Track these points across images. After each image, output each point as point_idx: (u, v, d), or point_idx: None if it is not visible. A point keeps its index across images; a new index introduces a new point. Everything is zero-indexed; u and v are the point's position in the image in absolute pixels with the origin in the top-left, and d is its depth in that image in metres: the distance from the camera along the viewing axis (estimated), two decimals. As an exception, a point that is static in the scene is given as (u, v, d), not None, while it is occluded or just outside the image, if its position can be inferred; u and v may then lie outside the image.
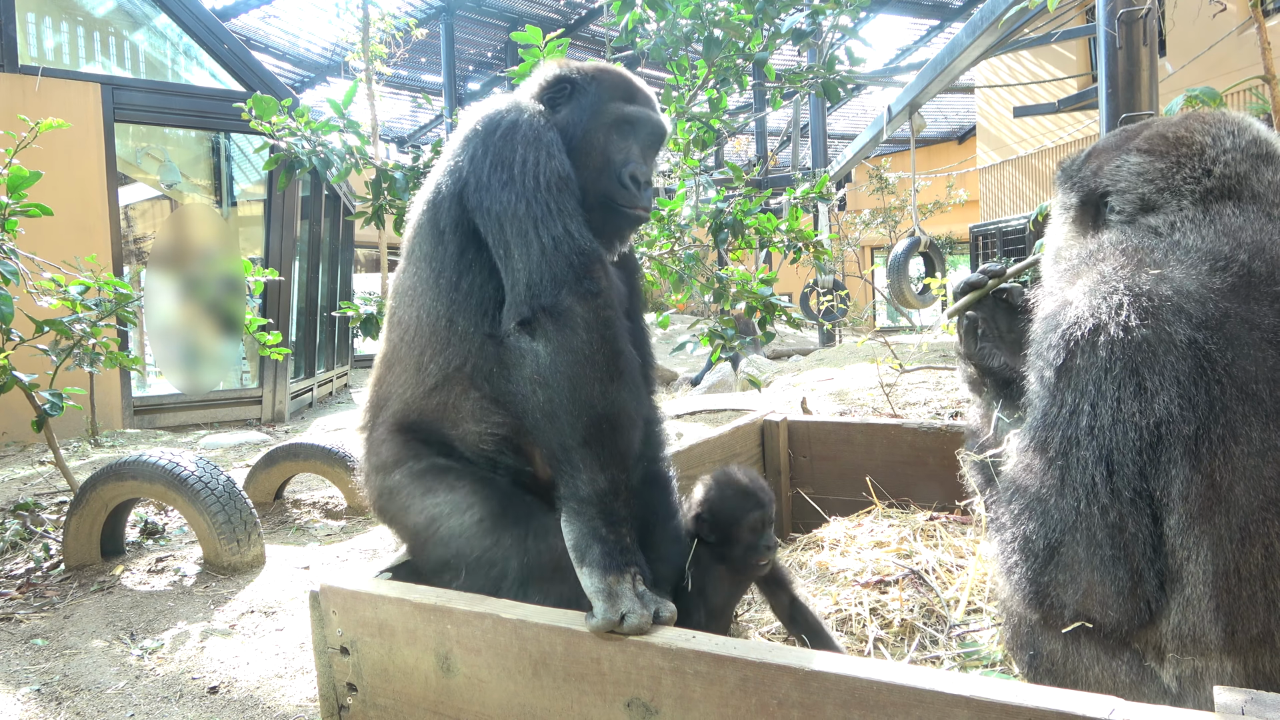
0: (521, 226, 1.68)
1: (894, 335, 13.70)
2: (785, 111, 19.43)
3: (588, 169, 1.86)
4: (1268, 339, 1.24)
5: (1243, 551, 1.21)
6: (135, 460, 3.30)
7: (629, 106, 1.92)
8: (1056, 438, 1.33)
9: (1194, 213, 1.44)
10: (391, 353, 1.92)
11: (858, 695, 1.17)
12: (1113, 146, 1.64)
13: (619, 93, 1.93)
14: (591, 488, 1.58)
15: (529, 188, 1.70)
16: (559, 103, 1.93)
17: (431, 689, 1.55)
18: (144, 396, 8.61)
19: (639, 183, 1.88)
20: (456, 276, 1.79)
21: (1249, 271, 1.30)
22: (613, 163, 1.89)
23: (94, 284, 3.99)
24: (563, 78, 1.95)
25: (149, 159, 9.45)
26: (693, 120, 4.50)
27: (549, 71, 1.99)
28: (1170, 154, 1.52)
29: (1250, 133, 1.52)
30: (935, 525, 2.68)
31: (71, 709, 2.33)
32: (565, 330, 1.62)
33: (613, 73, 1.97)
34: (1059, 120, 14.44)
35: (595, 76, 1.95)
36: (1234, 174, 1.46)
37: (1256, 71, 3.70)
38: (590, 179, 1.86)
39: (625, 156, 1.90)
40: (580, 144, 1.87)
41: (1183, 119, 1.59)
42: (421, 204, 1.90)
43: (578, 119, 1.89)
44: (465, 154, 1.79)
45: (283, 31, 18.11)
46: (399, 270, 1.96)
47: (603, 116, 1.89)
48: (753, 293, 4.79)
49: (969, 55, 7.50)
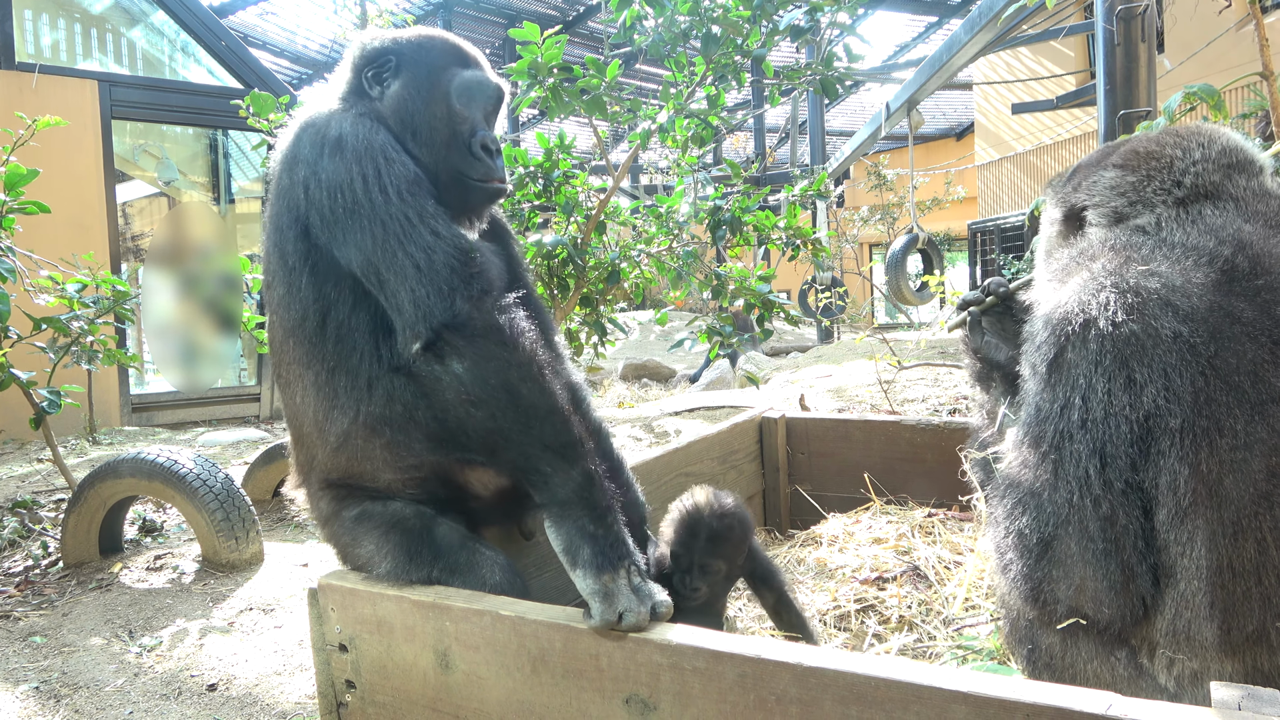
0: (388, 250, 1.55)
1: (892, 332, 13.71)
2: (783, 108, 19.43)
3: (434, 145, 1.75)
4: (1249, 333, 1.26)
5: (1235, 546, 1.22)
6: (133, 458, 3.30)
7: (466, 71, 1.80)
8: (1050, 432, 1.34)
9: (1175, 212, 1.48)
10: (292, 413, 1.79)
11: (856, 691, 1.18)
12: (1093, 163, 1.69)
13: (452, 58, 1.81)
14: (567, 487, 1.52)
15: (378, 206, 1.56)
16: (385, 78, 1.79)
17: (430, 686, 1.56)
18: (142, 394, 8.61)
19: (490, 151, 1.77)
20: (320, 319, 1.65)
21: (1232, 266, 1.32)
22: (459, 134, 1.76)
23: (92, 281, 3.99)
24: (384, 50, 1.80)
25: (146, 156, 9.44)
26: (691, 117, 4.49)
27: (367, 45, 1.83)
28: (1141, 168, 1.56)
29: (1219, 143, 1.55)
30: (933, 521, 2.69)
31: (70, 706, 2.33)
32: (477, 340, 1.52)
33: (439, 38, 1.84)
34: (1057, 117, 14.43)
35: (421, 44, 1.81)
36: (1205, 184, 1.50)
37: (1255, 68, 3.70)
38: (438, 156, 1.75)
39: (471, 126, 1.78)
40: (421, 120, 1.75)
41: (1160, 133, 1.63)
42: (267, 240, 1.74)
43: (412, 93, 1.76)
44: (299, 185, 1.63)
45: (280, 28, 18.07)
46: (268, 314, 1.81)
47: (440, 86, 1.76)
48: (751, 289, 4.79)
49: (967, 52, 7.50)
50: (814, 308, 14.84)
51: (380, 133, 1.65)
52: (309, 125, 1.68)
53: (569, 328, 4.98)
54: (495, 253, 1.89)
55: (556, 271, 4.65)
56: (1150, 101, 4.59)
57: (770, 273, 4.97)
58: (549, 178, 4.64)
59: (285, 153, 1.69)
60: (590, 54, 4.97)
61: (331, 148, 1.60)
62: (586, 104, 4.30)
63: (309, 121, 1.69)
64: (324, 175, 1.59)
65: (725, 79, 4.55)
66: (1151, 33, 4.60)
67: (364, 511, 1.72)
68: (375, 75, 1.80)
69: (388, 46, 1.80)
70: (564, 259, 4.52)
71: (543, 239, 4.54)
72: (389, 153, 1.62)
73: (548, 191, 4.66)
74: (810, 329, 17.14)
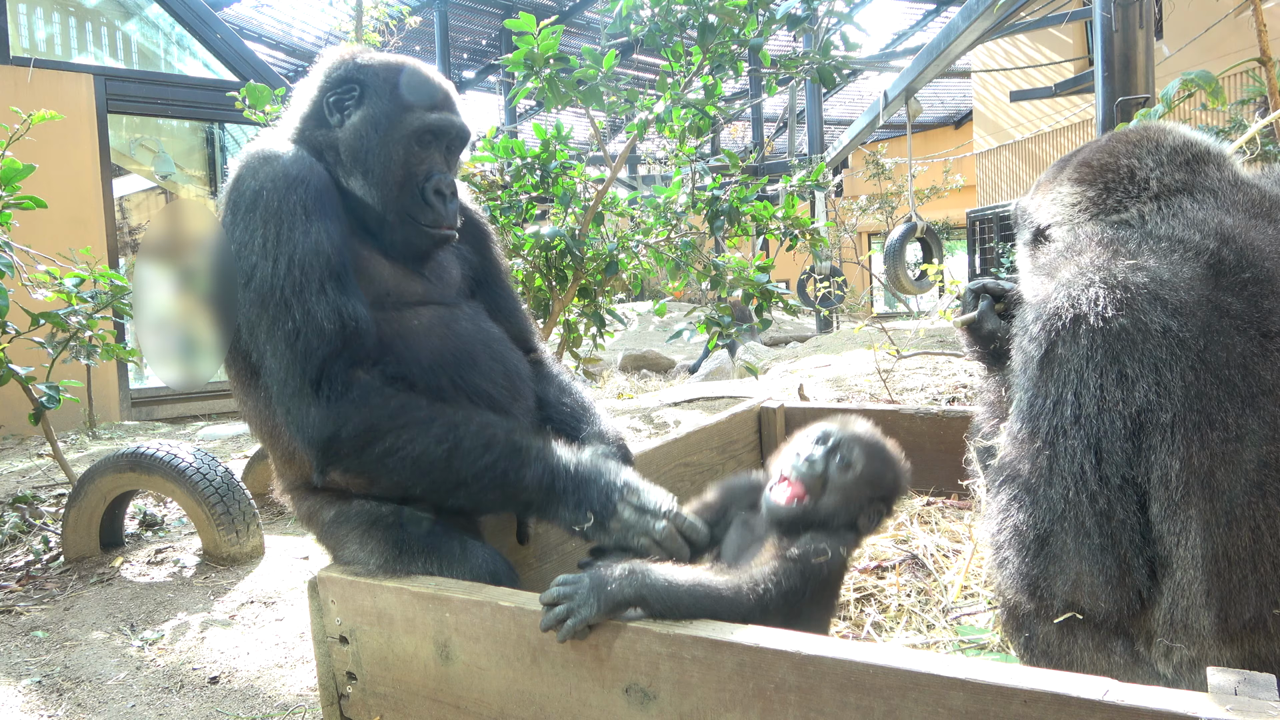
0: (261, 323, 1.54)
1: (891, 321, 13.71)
2: (781, 97, 19.38)
3: (385, 186, 1.72)
4: (1237, 326, 1.26)
5: (1230, 535, 1.22)
6: (133, 452, 3.30)
7: (432, 115, 1.75)
8: (1044, 427, 1.34)
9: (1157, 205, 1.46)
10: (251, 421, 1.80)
11: (854, 678, 1.18)
12: (1050, 178, 1.66)
13: (419, 96, 1.75)
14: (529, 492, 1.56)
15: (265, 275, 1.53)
16: (347, 106, 1.74)
17: (431, 677, 1.56)
18: (141, 388, 8.60)
19: (444, 196, 1.75)
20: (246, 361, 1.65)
21: (1218, 260, 1.32)
22: (414, 176, 1.73)
23: (90, 276, 3.98)
24: (349, 77, 1.75)
25: (143, 150, 9.41)
26: (688, 107, 4.48)
27: (333, 68, 1.78)
28: (1097, 181, 1.54)
29: (1169, 142, 1.53)
30: (932, 510, 2.70)
31: (73, 700, 2.34)
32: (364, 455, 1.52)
33: (409, 71, 1.78)
34: (1056, 104, 14.40)
35: (388, 78, 1.75)
36: (1173, 182, 1.47)
37: (1253, 54, 3.69)
38: (389, 196, 1.72)
39: (429, 168, 1.75)
40: (375, 159, 1.71)
41: (1107, 141, 1.60)
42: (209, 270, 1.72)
43: (372, 130, 1.71)
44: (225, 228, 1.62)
45: (276, 20, 18.01)
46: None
47: (402, 127, 1.72)
48: (749, 280, 4.79)
49: (965, 39, 7.48)
50: (813, 297, 14.84)
51: (306, 182, 1.60)
52: (249, 163, 1.64)
53: (567, 319, 4.98)
54: (465, 254, 1.90)
55: (554, 263, 4.64)
56: (1149, 88, 4.59)
57: (769, 263, 4.96)
58: (546, 169, 4.63)
59: (228, 186, 1.66)
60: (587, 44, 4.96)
61: (249, 202, 1.58)
62: (583, 94, 4.29)
63: (251, 156, 1.65)
64: (237, 231, 1.58)
65: (722, 68, 4.53)
66: (1150, 19, 4.59)
67: (340, 513, 1.72)
68: (337, 102, 1.75)
69: (353, 74, 1.75)
70: (562, 250, 4.51)
71: (540, 230, 4.53)
72: (300, 211, 1.57)
73: (545, 183, 4.65)
74: (809, 319, 17.14)
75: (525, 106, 19.94)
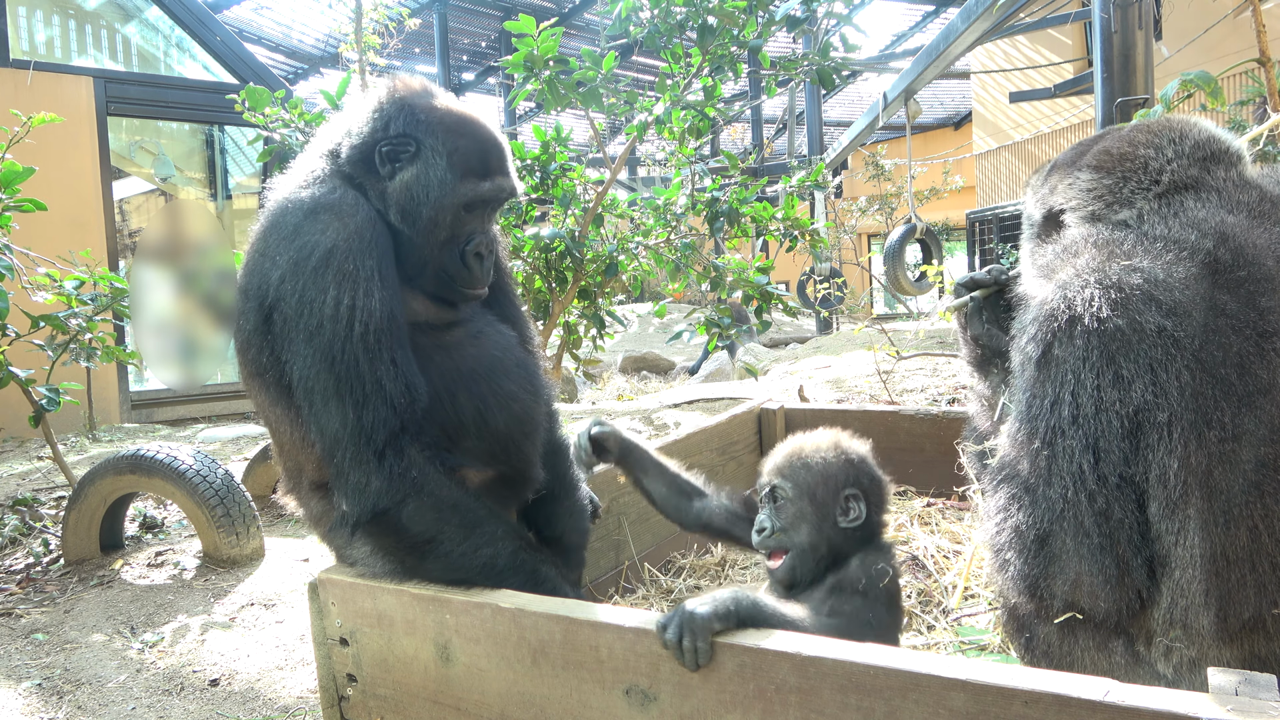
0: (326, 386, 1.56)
1: (891, 322, 13.71)
2: (781, 99, 19.38)
3: (430, 242, 1.74)
4: (1233, 325, 1.26)
5: (1228, 535, 1.22)
6: (133, 454, 3.30)
7: (485, 184, 1.75)
8: (1042, 428, 1.34)
9: (1157, 205, 1.47)
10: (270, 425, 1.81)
11: (855, 679, 1.18)
12: (1068, 162, 1.66)
13: (473, 165, 1.74)
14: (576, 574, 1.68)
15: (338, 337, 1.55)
16: (400, 160, 1.72)
17: (431, 678, 1.56)
18: (141, 391, 8.60)
19: (482, 259, 1.79)
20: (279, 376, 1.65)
21: (1215, 259, 1.32)
22: (457, 238, 1.76)
23: (89, 279, 3.98)
24: (406, 133, 1.72)
25: (142, 152, 9.41)
26: (688, 109, 4.48)
27: (389, 108, 1.75)
28: (1116, 169, 1.54)
29: (1193, 136, 1.53)
30: (932, 511, 2.70)
31: (73, 703, 2.33)
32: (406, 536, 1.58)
33: (467, 134, 1.75)
34: (1055, 105, 14.41)
35: (446, 140, 1.73)
36: (1184, 178, 1.48)
37: (1252, 54, 3.69)
38: (430, 251, 1.75)
39: (471, 230, 1.77)
40: (424, 218, 1.72)
41: (1130, 131, 1.61)
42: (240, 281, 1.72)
43: (423, 193, 1.71)
44: (276, 268, 1.60)
45: (275, 23, 18.03)
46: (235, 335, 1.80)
47: (454, 197, 1.72)
48: (749, 281, 4.79)
49: (964, 40, 7.48)
50: (812, 299, 14.85)
51: (379, 246, 1.62)
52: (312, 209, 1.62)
53: (567, 321, 4.98)
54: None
55: (554, 264, 4.64)
56: (1148, 89, 4.59)
57: (768, 264, 4.97)
58: (546, 170, 4.64)
59: (283, 228, 1.63)
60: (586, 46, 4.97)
61: (320, 259, 1.56)
62: (583, 96, 4.29)
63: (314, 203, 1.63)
64: (301, 283, 1.56)
65: (722, 70, 4.54)
66: (1149, 20, 4.59)
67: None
68: (391, 154, 1.73)
69: (410, 129, 1.72)
70: (562, 252, 4.51)
71: (540, 232, 4.53)
72: (375, 278, 1.58)
73: (545, 184, 4.65)
74: (809, 320, 17.14)
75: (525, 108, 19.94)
